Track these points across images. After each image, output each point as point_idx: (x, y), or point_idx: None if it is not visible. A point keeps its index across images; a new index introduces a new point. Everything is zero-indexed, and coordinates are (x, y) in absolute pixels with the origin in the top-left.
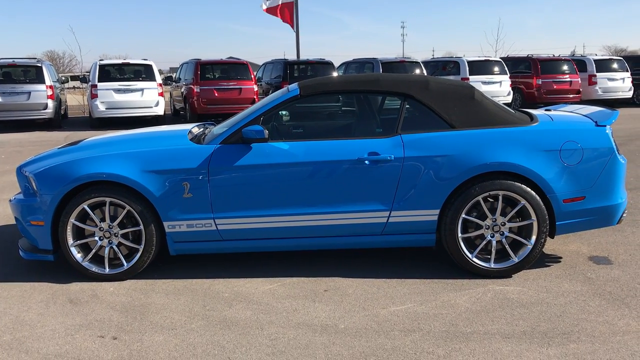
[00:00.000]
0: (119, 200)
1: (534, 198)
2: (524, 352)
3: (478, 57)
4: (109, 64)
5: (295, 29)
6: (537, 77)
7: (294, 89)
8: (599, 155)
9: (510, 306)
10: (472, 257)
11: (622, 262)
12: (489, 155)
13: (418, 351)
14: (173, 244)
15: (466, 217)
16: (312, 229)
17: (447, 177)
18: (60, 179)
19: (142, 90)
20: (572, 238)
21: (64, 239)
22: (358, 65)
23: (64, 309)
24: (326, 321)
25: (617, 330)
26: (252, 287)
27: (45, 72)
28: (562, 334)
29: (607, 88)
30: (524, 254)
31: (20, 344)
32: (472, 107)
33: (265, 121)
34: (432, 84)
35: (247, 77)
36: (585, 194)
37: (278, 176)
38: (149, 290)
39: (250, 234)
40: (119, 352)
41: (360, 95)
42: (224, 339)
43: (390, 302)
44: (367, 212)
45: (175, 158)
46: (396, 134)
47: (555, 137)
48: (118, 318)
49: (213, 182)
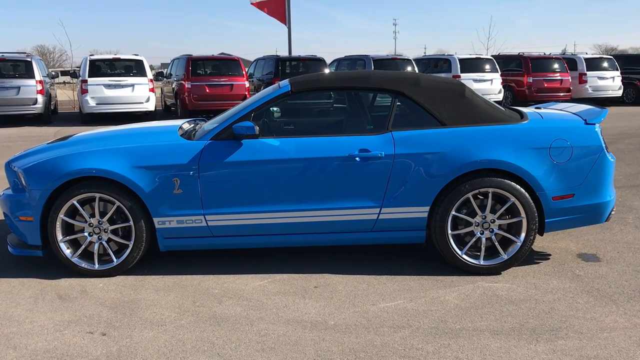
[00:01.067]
0: (109, 196)
1: (523, 195)
2: (512, 349)
3: (469, 54)
4: (99, 59)
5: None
6: (528, 75)
7: (285, 86)
8: (588, 153)
9: (499, 303)
10: (462, 254)
11: (610, 259)
12: (479, 153)
13: (407, 347)
14: (163, 240)
15: (456, 214)
16: (302, 226)
17: (438, 174)
18: (50, 174)
19: (132, 85)
20: (561, 235)
21: (53, 235)
22: (350, 62)
23: (53, 304)
24: (316, 317)
25: (604, 327)
26: (242, 283)
27: (35, 66)
28: (551, 330)
29: (597, 87)
30: (513, 251)
31: (8, 339)
32: (462, 105)
33: (256, 117)
34: (423, 82)
35: (239, 73)
36: (574, 191)
37: (269, 172)
38: (139, 286)
39: (241, 230)
40: (108, 348)
41: (352, 92)
42: (213, 335)
43: (380, 299)
44: (358, 208)
45: (165, 154)
46: (387, 131)
47: (544, 135)
48: (107, 314)
49: (203, 178)
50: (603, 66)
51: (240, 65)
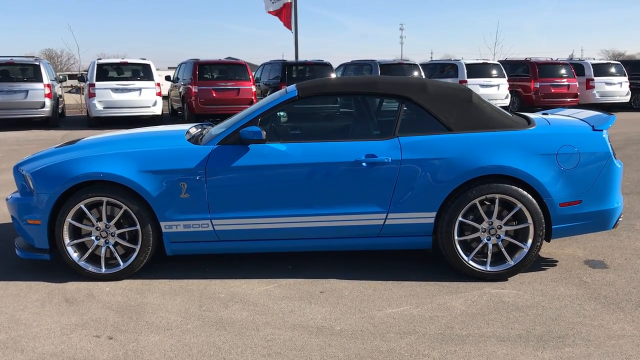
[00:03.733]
0: (116, 200)
1: (530, 202)
2: (519, 356)
3: (476, 60)
4: (107, 63)
5: (293, 30)
6: (535, 81)
7: (292, 91)
8: (596, 160)
9: (505, 309)
10: (469, 260)
11: (617, 266)
12: (486, 159)
13: (413, 354)
14: (170, 244)
15: (463, 220)
16: (308, 231)
17: (444, 180)
18: (57, 178)
19: (140, 89)
20: (568, 242)
21: (61, 238)
22: (356, 67)
23: (60, 308)
24: (322, 323)
25: (612, 334)
26: (249, 288)
27: (43, 70)
28: (557, 337)
29: (605, 92)
30: (520, 257)
31: (15, 343)
32: (469, 110)
33: (263, 122)
34: (429, 87)
35: (246, 77)
36: (582, 198)
37: (275, 177)
38: (145, 290)
39: (247, 234)
40: (114, 352)
41: (358, 97)
42: (219, 340)
43: (386, 304)
44: (364, 214)
45: (172, 158)
46: (394, 136)
47: (552, 141)
48: (114, 318)
49: (210, 183)
50: (610, 71)
51: (247, 69)
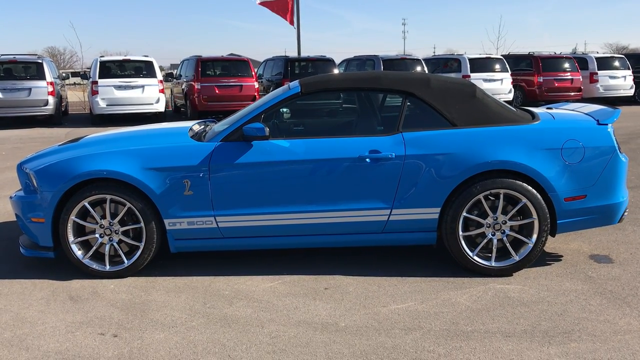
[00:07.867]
0: (120, 197)
1: (535, 196)
2: (524, 351)
3: (479, 54)
4: (109, 60)
5: (295, 26)
6: (539, 75)
7: (295, 87)
8: (601, 154)
9: (511, 305)
10: (473, 255)
11: (623, 260)
12: (490, 154)
13: (419, 350)
14: (174, 241)
15: (467, 215)
16: (312, 227)
17: (448, 175)
18: (61, 176)
19: (142, 87)
20: (573, 236)
21: (65, 236)
22: (359, 63)
23: (65, 306)
24: (327, 319)
25: (618, 330)
26: (253, 284)
27: (45, 68)
28: (563, 332)
29: (609, 86)
30: (525, 252)
31: (20, 341)
32: (473, 105)
33: (266, 119)
34: (433, 82)
35: (248, 74)
36: (587, 192)
37: (279, 174)
38: (150, 287)
39: (251, 231)
40: (119, 350)
41: (362, 93)
42: (224, 337)
43: (390, 301)
44: (368, 210)
45: (176, 155)
46: (397, 131)
47: (556, 136)
48: (118, 315)
49: (214, 180)
50: (614, 65)
51: (250, 66)
